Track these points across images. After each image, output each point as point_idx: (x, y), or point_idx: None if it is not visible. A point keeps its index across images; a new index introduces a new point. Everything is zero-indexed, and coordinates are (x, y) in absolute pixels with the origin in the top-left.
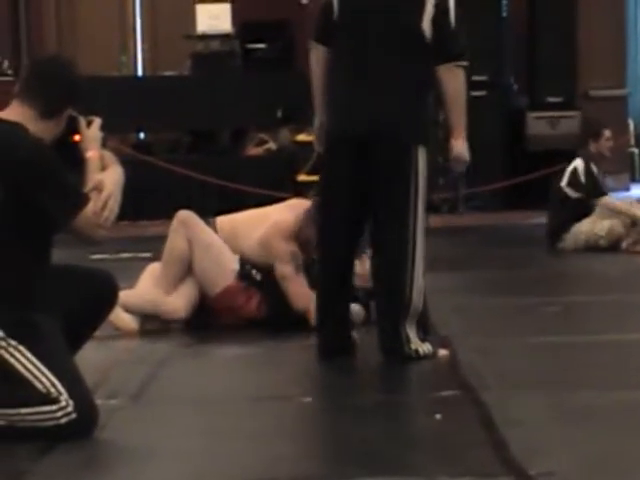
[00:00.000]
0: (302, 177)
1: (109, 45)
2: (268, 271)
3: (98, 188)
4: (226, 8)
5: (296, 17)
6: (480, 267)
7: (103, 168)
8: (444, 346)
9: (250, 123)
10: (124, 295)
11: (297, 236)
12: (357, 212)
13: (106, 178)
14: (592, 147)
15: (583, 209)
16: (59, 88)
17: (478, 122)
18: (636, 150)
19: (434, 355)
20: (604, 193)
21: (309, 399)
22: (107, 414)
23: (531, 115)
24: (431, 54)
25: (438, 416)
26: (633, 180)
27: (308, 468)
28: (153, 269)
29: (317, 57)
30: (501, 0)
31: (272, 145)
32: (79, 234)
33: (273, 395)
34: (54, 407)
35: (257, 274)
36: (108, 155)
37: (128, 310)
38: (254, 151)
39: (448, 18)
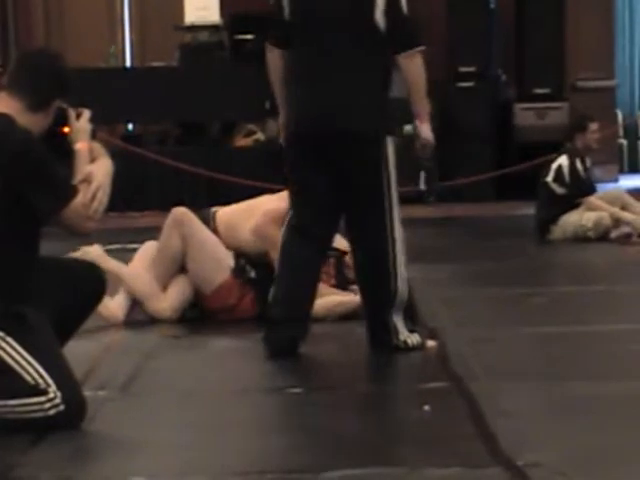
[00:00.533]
0: None
1: (98, 36)
2: (263, 265)
3: (87, 180)
4: None
5: None
6: (468, 258)
7: (92, 160)
8: (433, 337)
9: (238, 114)
10: (122, 268)
11: None
12: (328, 209)
13: (95, 170)
14: (579, 141)
15: (570, 203)
16: (47, 80)
17: (466, 113)
18: (624, 141)
19: (423, 346)
20: (588, 193)
21: (298, 391)
22: (96, 405)
23: (519, 106)
24: (387, 45)
25: (427, 407)
26: (621, 171)
27: (297, 460)
28: (150, 248)
29: (274, 60)
30: None
31: (260, 136)
32: (68, 226)
33: (262, 387)
34: (42, 399)
35: (251, 270)
36: (97, 147)
37: (119, 282)
38: (242, 142)
39: (400, 6)
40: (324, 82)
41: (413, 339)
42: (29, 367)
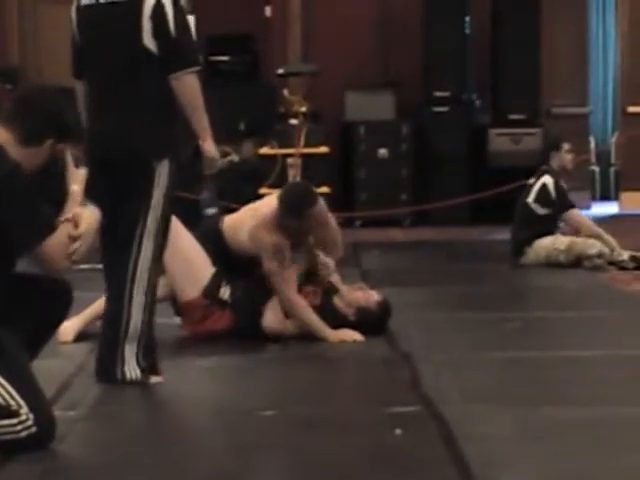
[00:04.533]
0: (265, 190)
1: None
2: (242, 287)
3: (74, 220)
4: (190, 20)
5: (260, 30)
6: (442, 282)
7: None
8: (407, 360)
9: (212, 135)
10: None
11: (282, 227)
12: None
13: (84, 215)
14: (555, 161)
15: (548, 226)
16: (37, 117)
17: (441, 137)
18: (597, 168)
19: (143, 381)
20: (573, 205)
21: (272, 413)
22: (66, 426)
23: (493, 132)
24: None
25: (398, 431)
26: (593, 198)
27: None
28: None
29: (80, 92)
30: (464, 17)
31: (234, 157)
32: (42, 261)
33: (235, 409)
34: (14, 421)
35: (226, 292)
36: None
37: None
38: None
39: (167, 29)
40: (104, 109)
41: (134, 374)
42: (0, 388)
